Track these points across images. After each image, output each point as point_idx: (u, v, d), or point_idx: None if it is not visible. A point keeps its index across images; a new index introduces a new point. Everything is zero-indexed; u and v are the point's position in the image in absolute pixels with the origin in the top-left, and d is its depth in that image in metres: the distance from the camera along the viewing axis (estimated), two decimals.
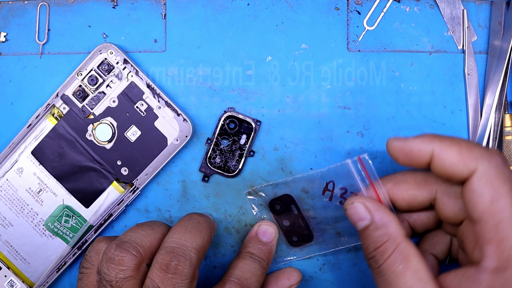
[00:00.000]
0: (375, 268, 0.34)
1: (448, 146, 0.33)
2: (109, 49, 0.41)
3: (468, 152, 0.32)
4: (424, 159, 0.34)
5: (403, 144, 0.34)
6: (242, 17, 0.43)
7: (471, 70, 0.43)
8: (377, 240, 0.34)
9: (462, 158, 0.32)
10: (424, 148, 0.33)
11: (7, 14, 0.43)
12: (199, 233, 0.36)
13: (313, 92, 0.43)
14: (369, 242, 0.34)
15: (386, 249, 0.33)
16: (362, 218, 0.35)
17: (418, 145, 0.34)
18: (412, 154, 0.34)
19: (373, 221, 0.35)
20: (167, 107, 0.41)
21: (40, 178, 0.42)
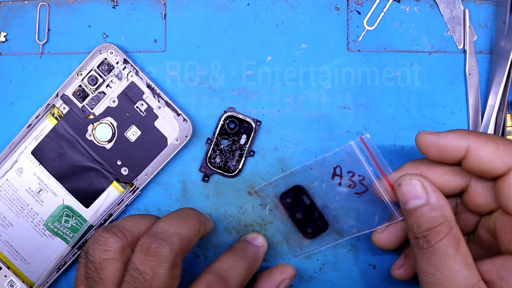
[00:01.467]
0: (426, 247, 0.33)
1: (485, 142, 0.33)
2: (109, 49, 0.41)
3: (506, 149, 0.33)
4: (458, 155, 0.34)
5: (437, 139, 0.34)
6: (242, 17, 0.43)
7: (472, 70, 0.43)
8: (433, 221, 0.33)
9: (500, 154, 0.33)
10: (460, 144, 0.34)
11: (7, 14, 0.43)
12: (185, 223, 0.36)
13: (313, 92, 0.43)
14: (423, 221, 0.33)
15: (441, 231, 0.33)
16: (418, 196, 0.34)
17: (453, 140, 0.34)
18: (446, 149, 0.34)
19: (429, 202, 0.34)
20: (167, 107, 0.41)
21: (40, 178, 0.42)
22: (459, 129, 0.34)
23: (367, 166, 0.38)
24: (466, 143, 0.34)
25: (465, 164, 0.34)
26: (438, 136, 0.34)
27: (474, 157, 0.33)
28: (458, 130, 0.34)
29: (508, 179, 0.33)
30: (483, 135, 0.34)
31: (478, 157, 0.33)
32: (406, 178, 0.35)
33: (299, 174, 0.41)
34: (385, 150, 0.43)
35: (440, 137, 0.34)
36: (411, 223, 0.34)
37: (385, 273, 0.43)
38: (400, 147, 0.43)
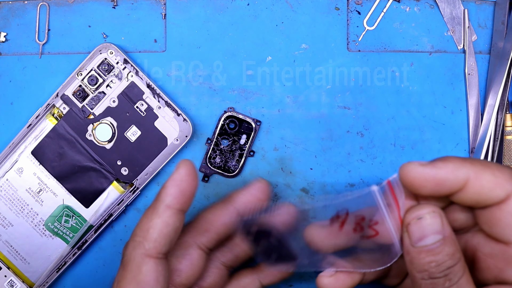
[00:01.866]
0: (447, 286, 0.30)
1: (483, 171, 0.30)
2: (109, 49, 0.41)
3: (502, 175, 0.30)
4: (457, 187, 0.30)
5: (434, 172, 0.30)
6: (242, 17, 0.43)
7: (472, 70, 0.43)
8: (453, 257, 0.30)
9: (498, 182, 0.30)
10: (461, 175, 0.30)
11: (7, 14, 0.43)
12: None
13: (313, 92, 0.43)
14: (444, 259, 0.30)
15: (461, 266, 0.30)
16: (438, 231, 0.30)
17: (453, 170, 0.30)
18: (446, 183, 0.30)
19: (446, 236, 0.30)
20: (167, 107, 0.41)
21: (40, 178, 0.42)
22: (451, 157, 0.31)
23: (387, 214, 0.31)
24: (466, 173, 0.30)
25: (460, 196, 0.31)
26: (434, 167, 0.30)
27: (475, 187, 0.30)
28: (452, 159, 0.30)
29: (507, 207, 0.30)
30: (477, 162, 0.30)
31: (479, 187, 0.30)
32: (425, 211, 0.30)
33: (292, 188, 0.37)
34: (385, 150, 0.43)
35: (437, 168, 0.30)
36: (427, 261, 0.30)
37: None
38: (400, 147, 0.43)
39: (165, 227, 0.32)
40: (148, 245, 0.32)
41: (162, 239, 0.32)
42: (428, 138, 0.43)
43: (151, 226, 0.32)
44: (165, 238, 0.33)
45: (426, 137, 0.43)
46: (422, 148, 0.43)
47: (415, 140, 0.43)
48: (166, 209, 0.33)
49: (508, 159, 0.42)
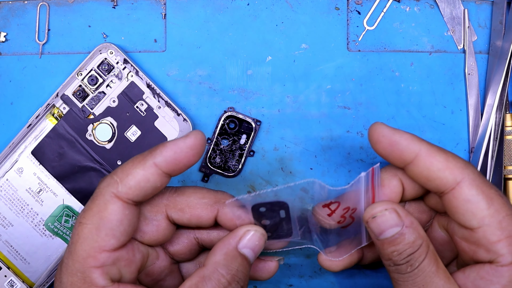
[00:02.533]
0: (409, 271, 0.32)
1: (436, 152, 0.33)
2: (109, 49, 0.41)
3: (455, 162, 0.33)
4: (408, 156, 0.33)
5: (392, 133, 0.33)
6: (242, 17, 0.43)
7: (472, 70, 0.43)
8: (413, 245, 0.32)
9: (449, 166, 0.32)
10: (413, 146, 0.33)
11: (7, 14, 0.43)
12: None
13: (313, 92, 0.43)
14: (404, 248, 0.32)
15: (422, 251, 0.32)
16: (395, 225, 0.33)
17: (408, 139, 0.33)
18: (397, 146, 0.33)
19: (405, 227, 0.33)
20: (167, 107, 0.41)
21: (40, 178, 0.42)
22: (414, 135, 0.34)
23: (363, 200, 0.35)
24: (418, 147, 0.33)
25: (411, 168, 0.33)
26: (394, 131, 0.33)
27: (425, 163, 0.33)
28: (413, 135, 0.33)
29: (461, 194, 0.32)
30: (436, 146, 0.33)
31: (428, 164, 0.33)
32: (376, 211, 0.33)
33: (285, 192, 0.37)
34: None
35: (396, 132, 0.33)
36: (390, 251, 0.33)
37: (385, 274, 0.43)
38: None
39: (144, 181, 0.32)
40: (121, 188, 0.32)
41: (137, 190, 0.32)
42: (428, 138, 0.43)
43: (131, 173, 0.32)
44: (140, 190, 0.32)
45: (426, 137, 0.43)
46: None
47: None
48: (152, 165, 0.32)
49: (508, 159, 0.42)
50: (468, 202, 0.32)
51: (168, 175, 0.33)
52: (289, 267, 0.43)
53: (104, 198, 0.32)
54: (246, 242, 0.34)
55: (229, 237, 0.34)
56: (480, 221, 0.32)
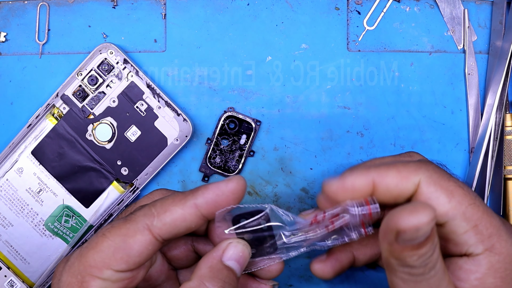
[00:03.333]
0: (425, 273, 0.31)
1: (386, 170, 0.33)
2: (109, 49, 0.41)
3: (406, 169, 0.33)
4: (367, 192, 0.33)
5: (341, 183, 0.33)
6: (242, 17, 0.43)
7: (472, 70, 0.43)
8: (434, 247, 0.31)
9: (403, 175, 0.33)
10: (365, 181, 0.33)
11: (7, 14, 0.43)
12: None
13: (313, 92, 0.43)
14: (427, 251, 0.30)
15: (438, 252, 0.31)
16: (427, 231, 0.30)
17: (357, 179, 0.33)
18: (354, 191, 0.33)
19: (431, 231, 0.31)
20: (167, 107, 0.41)
21: (40, 178, 0.42)
22: (357, 167, 0.34)
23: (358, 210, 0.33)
24: (370, 178, 0.33)
25: (377, 196, 0.33)
26: (342, 179, 0.33)
27: (382, 187, 0.33)
28: (357, 169, 0.33)
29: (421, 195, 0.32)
30: (384, 165, 0.33)
31: (385, 186, 0.33)
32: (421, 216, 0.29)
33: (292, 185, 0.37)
34: (385, 150, 0.43)
35: (344, 179, 0.33)
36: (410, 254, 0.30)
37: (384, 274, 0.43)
38: (400, 147, 0.43)
39: (180, 220, 0.32)
40: (156, 223, 0.32)
41: (170, 227, 0.32)
42: (428, 138, 0.43)
43: (169, 210, 0.32)
44: (173, 229, 0.32)
45: (426, 137, 0.43)
46: (422, 148, 0.43)
47: (415, 140, 0.43)
48: (193, 205, 0.32)
49: (508, 159, 0.42)
50: (429, 200, 0.32)
51: (205, 218, 0.33)
52: (289, 267, 0.43)
53: (136, 226, 0.32)
54: (230, 254, 0.34)
55: (213, 251, 0.34)
56: (444, 216, 0.32)
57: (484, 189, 0.42)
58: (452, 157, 0.43)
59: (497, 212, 0.42)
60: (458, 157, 0.43)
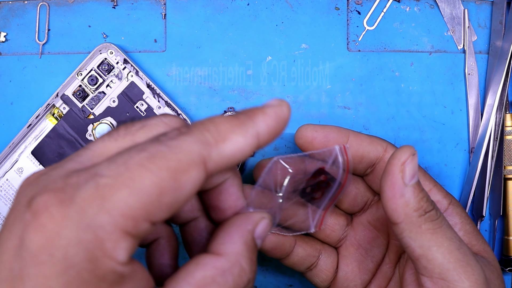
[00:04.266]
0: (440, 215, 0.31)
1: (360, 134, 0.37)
2: (109, 49, 0.41)
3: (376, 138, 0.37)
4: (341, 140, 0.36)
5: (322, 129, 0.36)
6: (242, 17, 0.43)
7: (472, 70, 0.43)
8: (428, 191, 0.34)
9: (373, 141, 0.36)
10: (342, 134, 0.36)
11: (7, 14, 0.43)
12: None
13: (313, 92, 0.43)
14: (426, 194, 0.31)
15: None
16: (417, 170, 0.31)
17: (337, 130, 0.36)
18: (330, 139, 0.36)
19: None
20: (167, 107, 0.41)
21: None
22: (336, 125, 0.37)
23: None
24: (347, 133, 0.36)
25: None
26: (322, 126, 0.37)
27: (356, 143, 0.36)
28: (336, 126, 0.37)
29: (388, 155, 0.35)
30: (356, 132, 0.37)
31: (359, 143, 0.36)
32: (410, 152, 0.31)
33: None
34: None
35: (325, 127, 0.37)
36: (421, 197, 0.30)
37: None
38: None
39: (239, 154, 0.24)
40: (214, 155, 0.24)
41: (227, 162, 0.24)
42: (428, 138, 0.43)
43: (230, 139, 0.24)
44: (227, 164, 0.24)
45: (426, 137, 0.43)
46: (422, 148, 0.43)
47: (415, 140, 0.43)
48: (254, 135, 0.25)
49: (508, 159, 0.42)
50: None
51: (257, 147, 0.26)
52: None
53: (191, 157, 0.23)
54: (261, 231, 0.28)
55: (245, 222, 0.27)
56: None
57: (484, 189, 0.42)
58: (452, 157, 0.43)
59: (497, 212, 0.42)
60: (458, 157, 0.43)
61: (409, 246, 0.31)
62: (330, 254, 0.39)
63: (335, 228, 0.38)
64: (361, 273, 0.38)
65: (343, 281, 0.38)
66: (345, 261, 0.38)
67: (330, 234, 0.38)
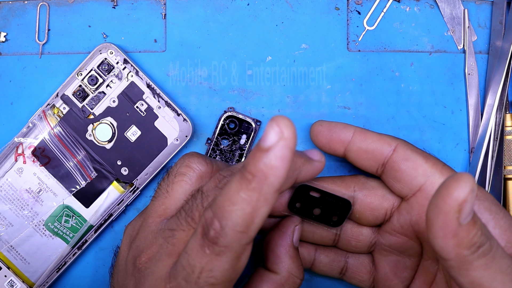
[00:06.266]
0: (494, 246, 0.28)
1: (367, 131, 0.37)
2: (109, 49, 0.41)
3: (385, 135, 0.37)
4: (344, 138, 0.37)
5: (327, 124, 0.38)
6: (242, 17, 0.43)
7: (472, 70, 0.43)
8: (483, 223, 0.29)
9: (382, 138, 0.36)
10: (347, 129, 0.37)
11: (7, 14, 0.43)
12: None
13: (313, 92, 0.43)
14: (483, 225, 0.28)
15: None
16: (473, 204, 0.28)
17: (341, 125, 0.37)
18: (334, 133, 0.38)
19: None
20: (167, 107, 0.42)
21: (40, 178, 0.42)
22: None
23: None
24: (352, 129, 0.37)
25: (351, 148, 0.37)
26: (329, 122, 0.38)
27: (360, 140, 0.37)
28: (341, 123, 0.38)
29: (397, 155, 0.35)
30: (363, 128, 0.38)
31: (364, 139, 0.37)
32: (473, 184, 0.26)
33: None
34: None
35: (330, 123, 0.38)
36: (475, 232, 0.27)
37: None
38: None
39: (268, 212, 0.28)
40: (252, 234, 0.28)
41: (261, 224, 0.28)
42: (428, 138, 0.43)
43: (256, 216, 0.27)
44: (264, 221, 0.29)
45: (426, 137, 0.43)
46: (422, 148, 0.43)
47: (415, 140, 0.43)
48: (275, 193, 0.27)
49: (508, 159, 0.42)
50: (407, 161, 0.35)
51: None
52: None
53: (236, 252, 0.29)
54: (297, 237, 0.36)
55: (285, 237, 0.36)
56: (424, 175, 0.34)
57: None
58: (452, 157, 0.43)
59: None
60: (458, 157, 0.43)
61: (458, 281, 0.28)
62: (358, 257, 0.39)
63: (360, 239, 0.38)
64: (400, 271, 0.37)
65: (384, 281, 0.38)
66: (381, 262, 0.38)
67: (356, 245, 0.38)
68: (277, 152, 0.26)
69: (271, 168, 0.26)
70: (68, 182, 0.42)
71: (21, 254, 0.42)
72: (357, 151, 0.37)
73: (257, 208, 0.27)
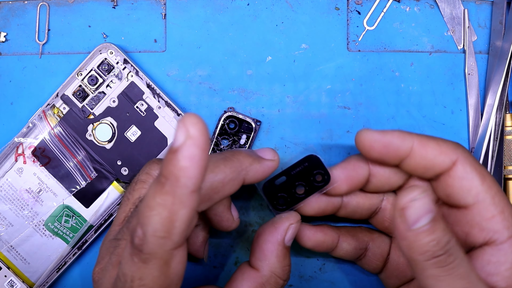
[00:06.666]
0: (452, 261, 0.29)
1: (427, 140, 0.34)
2: (109, 49, 0.41)
3: (446, 144, 0.34)
4: (402, 154, 0.34)
5: (382, 135, 0.33)
6: (242, 17, 0.43)
7: (472, 70, 0.43)
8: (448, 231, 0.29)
9: (442, 150, 0.33)
10: (406, 141, 0.33)
11: (7, 14, 0.43)
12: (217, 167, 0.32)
13: (313, 92, 0.43)
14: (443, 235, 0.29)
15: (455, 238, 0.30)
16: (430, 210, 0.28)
17: (400, 137, 0.33)
18: (392, 146, 0.33)
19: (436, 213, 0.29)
20: (167, 107, 0.42)
21: (40, 178, 0.42)
22: (401, 130, 0.34)
23: None
24: (411, 142, 0.33)
25: (408, 162, 0.34)
26: (383, 134, 0.34)
27: (420, 155, 0.33)
28: (400, 131, 0.34)
29: (456, 172, 0.33)
30: (424, 135, 0.34)
31: (424, 154, 0.33)
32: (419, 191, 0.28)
33: None
34: None
35: (386, 133, 0.34)
36: (427, 241, 0.28)
37: None
38: None
39: (192, 216, 0.27)
40: (176, 239, 0.27)
41: (189, 228, 0.28)
42: None
43: (176, 220, 0.27)
44: (192, 225, 0.28)
45: None
46: None
47: None
48: (192, 195, 0.27)
49: (508, 159, 0.42)
50: (463, 179, 0.33)
51: None
52: None
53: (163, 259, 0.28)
54: (291, 236, 0.35)
55: (276, 234, 0.34)
56: (474, 197, 0.33)
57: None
58: None
59: None
60: None
61: None
62: (379, 245, 0.39)
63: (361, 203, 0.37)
64: None
65: (394, 270, 0.38)
66: (397, 252, 0.38)
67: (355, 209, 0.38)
68: (185, 152, 0.25)
69: (181, 169, 0.25)
70: (68, 182, 0.42)
71: (21, 254, 0.42)
72: (415, 166, 0.34)
73: (174, 212, 0.26)
